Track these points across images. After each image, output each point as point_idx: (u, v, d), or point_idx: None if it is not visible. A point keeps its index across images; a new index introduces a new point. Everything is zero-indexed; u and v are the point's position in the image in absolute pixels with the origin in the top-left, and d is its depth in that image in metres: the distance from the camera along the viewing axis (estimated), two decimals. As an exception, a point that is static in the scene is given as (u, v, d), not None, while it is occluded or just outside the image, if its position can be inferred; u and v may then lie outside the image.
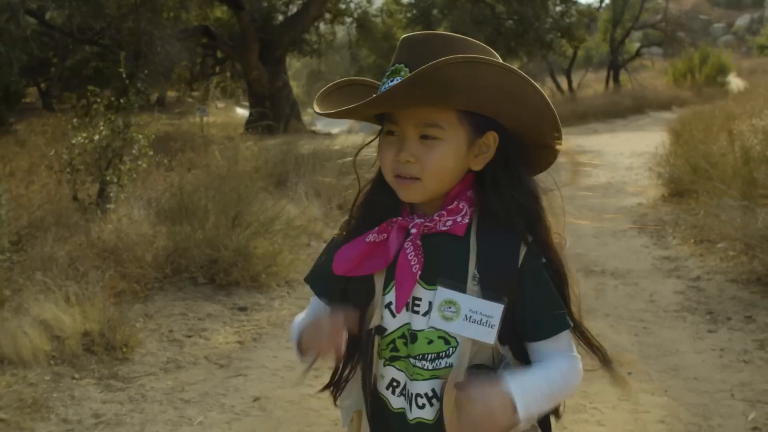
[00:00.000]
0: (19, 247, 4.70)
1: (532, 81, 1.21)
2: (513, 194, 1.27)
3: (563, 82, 27.72)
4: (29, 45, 16.30)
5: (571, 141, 6.45)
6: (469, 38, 1.27)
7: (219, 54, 20.99)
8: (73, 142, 6.84)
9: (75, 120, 7.49)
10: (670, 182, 7.53)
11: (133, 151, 6.97)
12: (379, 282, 1.31)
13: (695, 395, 3.16)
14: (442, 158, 1.24)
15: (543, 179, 1.36)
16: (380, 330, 1.30)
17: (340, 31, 25.32)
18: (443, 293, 1.24)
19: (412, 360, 1.29)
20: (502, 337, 1.24)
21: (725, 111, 10.41)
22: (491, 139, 1.27)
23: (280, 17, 20.72)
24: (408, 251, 1.26)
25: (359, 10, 22.58)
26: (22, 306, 3.85)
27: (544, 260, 1.27)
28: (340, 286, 1.34)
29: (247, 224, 5.25)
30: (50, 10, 10.57)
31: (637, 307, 4.37)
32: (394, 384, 1.32)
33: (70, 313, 3.88)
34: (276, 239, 5.38)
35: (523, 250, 1.25)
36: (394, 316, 1.29)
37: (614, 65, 28.62)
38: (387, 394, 1.33)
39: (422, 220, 1.28)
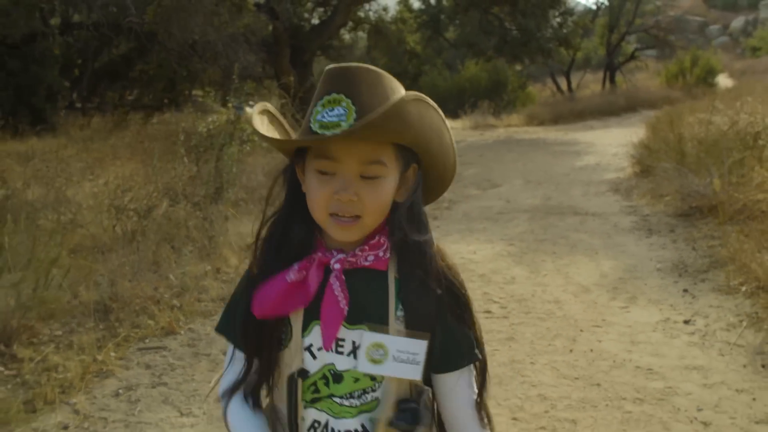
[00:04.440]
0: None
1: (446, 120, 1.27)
2: (416, 227, 1.28)
3: (563, 83, 30.27)
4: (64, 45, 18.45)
5: (569, 135, 10.42)
6: (381, 71, 1.24)
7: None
8: (200, 129, 9.38)
9: (198, 113, 10.03)
10: (640, 162, 10.14)
11: (243, 137, 9.50)
12: (296, 323, 1.27)
13: (631, 261, 5.79)
14: (384, 195, 1.23)
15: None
16: (303, 373, 1.27)
17: (353, 36, 27.99)
18: (369, 337, 1.23)
19: (337, 399, 1.29)
20: None
21: (691, 108, 13.01)
22: (413, 171, 1.29)
23: (308, 25, 23.16)
24: (334, 287, 1.23)
25: (377, 17, 25.22)
26: (235, 221, 6.48)
27: (455, 291, 1.29)
28: (254, 331, 1.29)
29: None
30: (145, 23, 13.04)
31: (606, 228, 7.00)
32: (316, 425, 1.31)
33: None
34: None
35: (439, 284, 1.26)
36: (314, 357, 1.27)
37: (610, 67, 31.06)
38: None
39: (344, 255, 1.26)
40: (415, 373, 1.23)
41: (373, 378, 1.28)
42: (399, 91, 1.23)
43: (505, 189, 9.66)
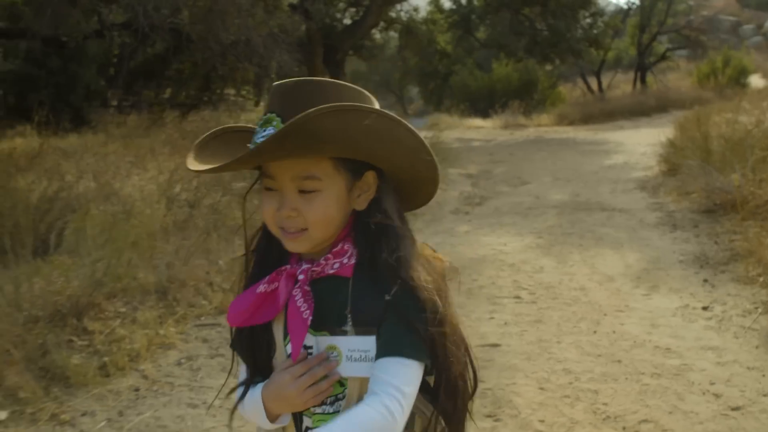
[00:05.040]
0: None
1: (406, 123, 1.23)
2: (383, 233, 1.28)
3: (593, 83, 30.34)
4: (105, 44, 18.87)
5: (598, 135, 10.89)
6: (343, 83, 1.27)
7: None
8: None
9: (238, 111, 10.40)
10: (667, 160, 10.36)
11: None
12: (278, 333, 1.34)
13: (655, 253, 6.07)
14: (323, 209, 1.25)
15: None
16: None
17: (384, 35, 28.36)
18: (323, 341, 1.28)
19: (312, 408, 1.32)
20: None
21: (719, 108, 13.19)
22: (371, 177, 1.29)
23: (341, 25, 23.56)
24: (297, 298, 1.27)
25: (408, 17, 25.54)
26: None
27: (411, 298, 1.24)
28: (246, 341, 1.36)
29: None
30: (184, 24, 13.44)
31: (631, 224, 7.27)
32: None
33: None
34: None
35: (393, 288, 1.24)
36: None
37: (641, 67, 31.09)
38: None
39: (309, 266, 1.29)
40: (371, 370, 1.25)
41: (342, 384, 1.30)
42: (347, 101, 1.22)
43: (535, 186, 9.94)
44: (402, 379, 1.23)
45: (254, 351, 1.36)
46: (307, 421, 1.34)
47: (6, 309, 3.95)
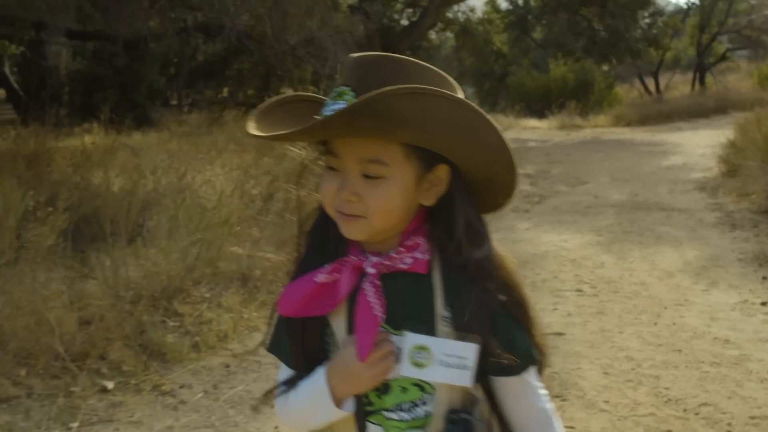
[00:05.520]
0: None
1: (488, 117, 1.12)
2: (466, 231, 1.19)
3: (651, 83, 30.06)
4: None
5: (656, 136, 11.08)
6: (427, 65, 1.16)
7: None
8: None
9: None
10: (726, 161, 10.39)
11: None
12: (339, 328, 1.23)
13: (714, 251, 6.20)
14: (387, 198, 1.14)
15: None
16: None
17: (442, 37, 28.57)
18: (412, 338, 1.15)
19: (386, 413, 1.21)
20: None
21: (781, 110, 13.12)
22: (443, 172, 1.18)
23: (399, 26, 23.85)
24: (368, 292, 1.16)
25: (464, 18, 25.71)
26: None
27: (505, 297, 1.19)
28: (297, 335, 1.24)
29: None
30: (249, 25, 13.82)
31: (690, 223, 7.39)
32: None
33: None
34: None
35: (492, 290, 1.18)
36: None
37: (700, 68, 30.67)
38: None
39: (379, 258, 1.19)
40: (465, 379, 1.15)
41: (422, 389, 1.20)
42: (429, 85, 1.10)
43: (593, 186, 10.07)
44: (537, 380, 1.27)
45: (305, 345, 1.25)
46: (373, 429, 1.23)
47: (107, 291, 4.31)
